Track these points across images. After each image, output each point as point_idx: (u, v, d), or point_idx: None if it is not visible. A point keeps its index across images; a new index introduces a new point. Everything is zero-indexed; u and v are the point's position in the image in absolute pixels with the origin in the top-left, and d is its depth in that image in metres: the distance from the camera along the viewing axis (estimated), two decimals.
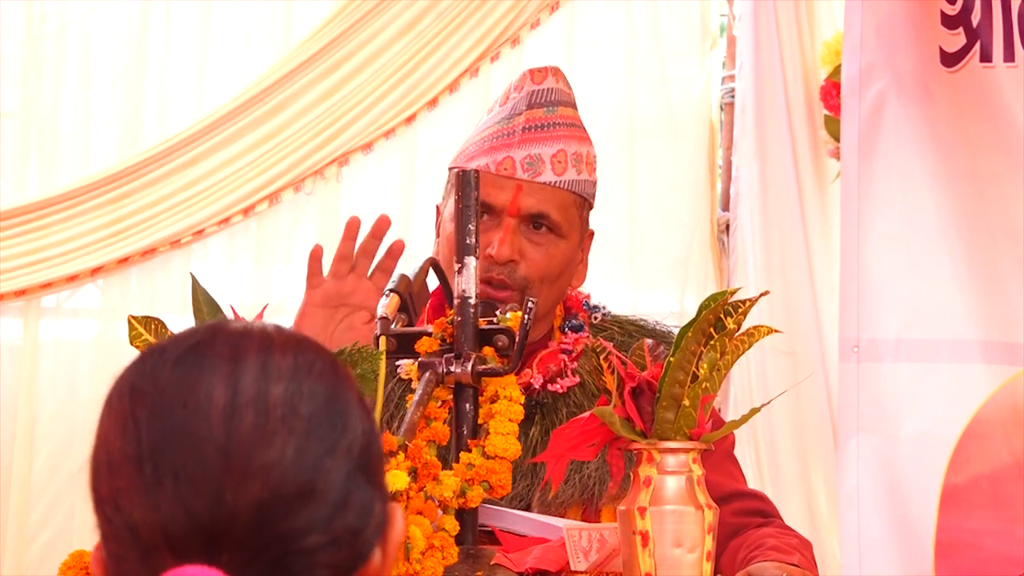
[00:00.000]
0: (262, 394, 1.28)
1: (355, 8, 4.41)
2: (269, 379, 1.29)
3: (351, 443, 1.29)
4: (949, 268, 3.06)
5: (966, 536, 2.91)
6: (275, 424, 1.27)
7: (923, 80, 3.07)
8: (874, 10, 3.10)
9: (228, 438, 1.27)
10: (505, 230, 2.57)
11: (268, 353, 1.30)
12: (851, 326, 3.13)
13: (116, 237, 4.40)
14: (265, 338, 1.32)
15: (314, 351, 1.32)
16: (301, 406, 1.28)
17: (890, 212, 3.13)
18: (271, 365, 1.30)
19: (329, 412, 1.29)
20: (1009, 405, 2.92)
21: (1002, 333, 2.99)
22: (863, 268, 3.14)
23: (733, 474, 2.65)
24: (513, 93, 2.66)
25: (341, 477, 1.28)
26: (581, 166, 2.63)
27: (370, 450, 1.31)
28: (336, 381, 1.31)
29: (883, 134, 3.13)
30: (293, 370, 1.30)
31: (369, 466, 1.30)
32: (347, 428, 1.30)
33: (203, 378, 1.29)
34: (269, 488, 1.26)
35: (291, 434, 1.27)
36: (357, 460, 1.29)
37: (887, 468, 3.04)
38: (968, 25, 2.99)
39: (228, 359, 1.29)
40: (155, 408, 1.29)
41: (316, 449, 1.27)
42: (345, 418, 1.30)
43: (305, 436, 1.27)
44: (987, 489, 2.91)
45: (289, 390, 1.29)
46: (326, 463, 1.27)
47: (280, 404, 1.28)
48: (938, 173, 3.08)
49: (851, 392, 3.12)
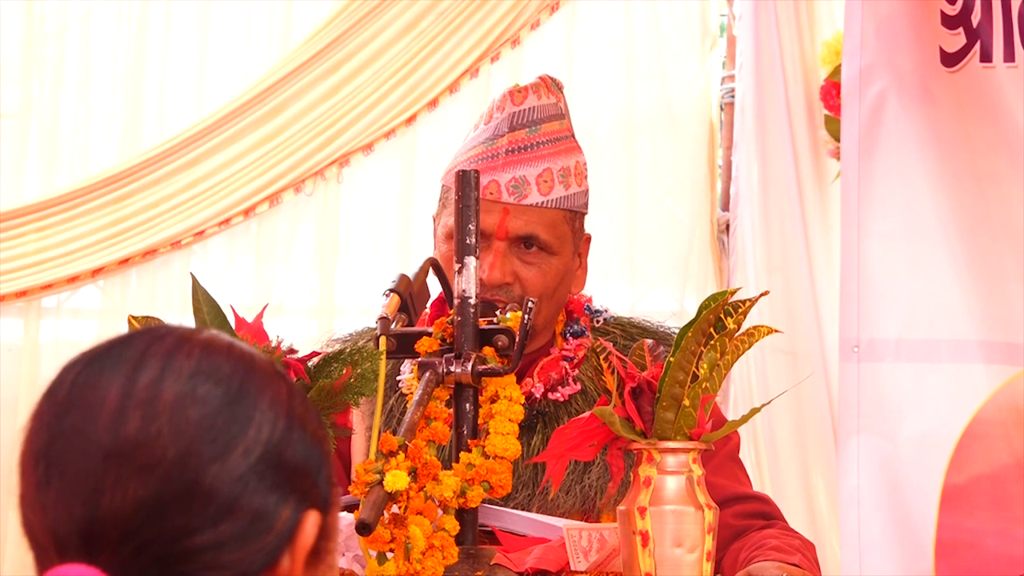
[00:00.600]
0: (153, 397, 1.30)
1: (355, 9, 4.41)
2: (164, 382, 1.30)
3: (248, 448, 1.30)
4: (949, 268, 3.06)
5: (966, 536, 2.91)
6: (160, 426, 1.29)
7: (923, 80, 3.07)
8: (874, 10, 3.10)
9: (113, 439, 1.29)
10: (495, 254, 2.57)
11: (171, 356, 1.32)
12: (851, 326, 3.13)
13: (117, 238, 4.40)
14: (179, 342, 1.34)
15: (225, 355, 1.33)
16: (192, 409, 1.29)
17: (890, 212, 3.13)
18: (170, 368, 1.31)
19: (225, 416, 1.30)
20: (1009, 405, 2.92)
21: (1002, 333, 2.99)
22: (863, 268, 3.14)
23: (737, 476, 2.65)
24: (496, 113, 2.65)
25: (230, 481, 1.29)
26: (569, 180, 2.62)
27: (279, 456, 1.31)
28: (243, 386, 1.32)
29: (883, 134, 3.13)
30: (192, 374, 1.31)
31: (275, 472, 1.31)
32: (244, 433, 1.30)
33: (103, 380, 1.32)
34: (149, 489, 1.28)
35: (177, 437, 1.29)
36: (255, 465, 1.30)
37: (887, 468, 3.04)
38: (968, 25, 2.99)
39: (131, 362, 1.32)
40: (55, 410, 1.33)
41: (203, 452, 1.29)
42: (244, 423, 1.31)
43: (192, 439, 1.29)
44: (987, 489, 2.91)
45: (182, 393, 1.30)
46: (213, 467, 1.29)
47: (169, 406, 1.29)
48: (938, 173, 3.07)
49: (851, 392, 3.12)
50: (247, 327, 2.14)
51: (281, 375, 1.37)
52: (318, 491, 1.35)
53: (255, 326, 2.15)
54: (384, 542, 2.07)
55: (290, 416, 1.33)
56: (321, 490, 1.35)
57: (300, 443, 1.33)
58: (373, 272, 4.41)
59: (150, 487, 1.28)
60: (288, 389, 1.35)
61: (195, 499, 1.28)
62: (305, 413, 1.36)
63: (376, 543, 2.07)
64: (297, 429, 1.33)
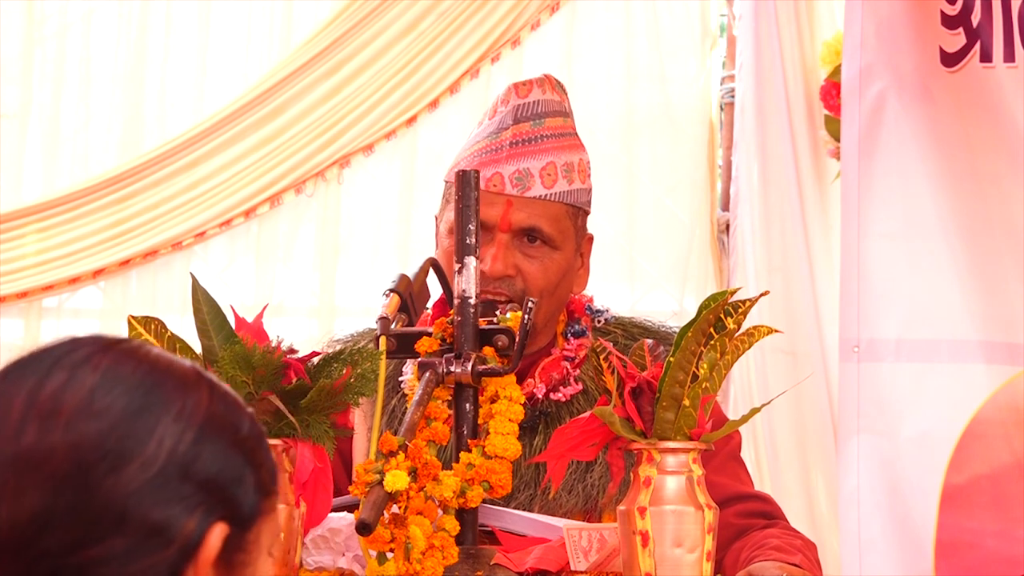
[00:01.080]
0: (54, 408, 1.30)
1: (355, 10, 4.41)
2: (66, 392, 1.31)
3: (146, 461, 1.29)
4: (950, 268, 3.06)
5: (966, 536, 2.91)
6: (56, 438, 1.29)
7: (923, 80, 3.07)
8: (874, 10, 3.10)
9: (14, 448, 1.30)
10: (498, 246, 2.57)
11: (79, 366, 1.32)
12: (852, 326, 3.13)
13: (118, 239, 4.40)
14: (94, 352, 1.33)
15: (135, 365, 1.33)
16: (88, 422, 1.29)
17: (890, 212, 3.12)
18: (74, 379, 1.31)
19: (123, 430, 1.29)
20: (1009, 405, 2.92)
21: (1002, 333, 2.99)
22: (864, 268, 3.14)
23: (739, 476, 2.64)
24: (500, 107, 2.66)
25: (124, 495, 1.28)
26: (572, 175, 2.63)
27: (184, 469, 1.30)
28: (147, 397, 1.31)
29: (883, 134, 3.13)
30: (94, 386, 1.31)
31: (179, 484, 1.30)
32: (143, 446, 1.29)
33: (13, 388, 1.32)
34: (43, 500, 1.28)
35: (71, 449, 1.29)
36: (153, 479, 1.29)
37: (888, 468, 3.04)
38: (968, 25, 2.98)
39: (42, 370, 1.32)
40: None
41: (97, 466, 1.28)
42: (143, 436, 1.30)
43: (86, 452, 1.28)
44: (987, 489, 2.91)
45: (81, 405, 1.30)
46: (107, 481, 1.28)
47: (67, 418, 1.29)
48: (938, 173, 3.07)
49: (852, 392, 3.12)
50: (247, 327, 2.14)
51: (206, 384, 1.35)
52: (235, 502, 1.33)
53: (255, 326, 2.15)
54: (384, 542, 2.07)
55: (203, 427, 1.32)
56: (241, 500, 1.33)
57: (213, 455, 1.32)
58: (373, 273, 4.41)
59: (44, 498, 1.28)
60: (209, 399, 1.34)
61: (87, 512, 1.28)
62: (227, 422, 1.34)
63: (376, 543, 2.07)
64: (210, 440, 1.32)
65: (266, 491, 1.36)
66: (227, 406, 1.36)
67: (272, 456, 1.40)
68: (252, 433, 1.36)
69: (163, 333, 2.13)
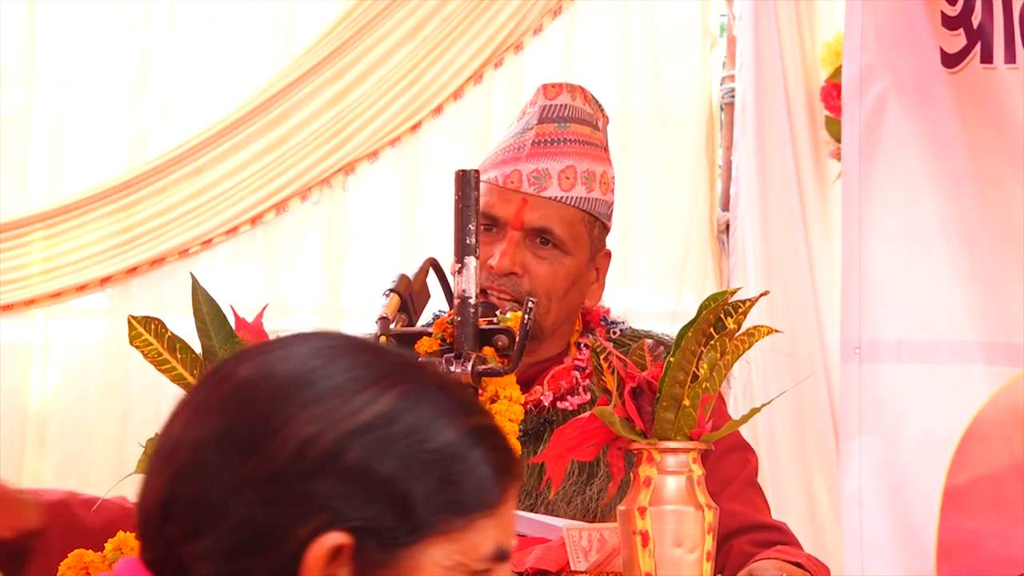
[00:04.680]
0: (202, 402, 1.30)
1: (358, 16, 4.41)
2: (220, 385, 1.30)
3: (264, 459, 1.25)
4: (950, 269, 3.06)
5: (967, 537, 2.91)
6: (188, 433, 1.29)
7: (924, 81, 3.07)
8: (874, 11, 3.11)
9: (164, 437, 1.31)
10: (508, 243, 2.57)
11: (242, 362, 1.31)
12: (853, 327, 3.13)
13: (125, 247, 4.39)
14: (261, 348, 1.32)
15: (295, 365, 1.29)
16: (212, 418, 1.28)
17: (891, 213, 3.13)
18: (232, 374, 1.30)
19: (248, 426, 1.27)
20: (1010, 406, 2.92)
21: (1003, 334, 2.99)
22: (864, 269, 3.14)
23: (755, 503, 2.59)
24: (528, 108, 2.67)
25: (233, 492, 1.25)
26: (593, 184, 2.62)
27: (309, 475, 1.24)
28: (284, 398, 1.27)
29: (884, 135, 3.14)
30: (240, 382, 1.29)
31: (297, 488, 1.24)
32: (262, 445, 1.26)
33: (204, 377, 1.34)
34: (167, 490, 1.28)
35: (196, 443, 1.28)
36: (268, 479, 1.25)
37: (889, 469, 3.05)
38: (969, 26, 2.99)
39: (222, 364, 1.33)
40: None
41: (213, 461, 1.27)
42: (266, 434, 1.26)
43: (205, 447, 1.27)
44: (988, 490, 2.92)
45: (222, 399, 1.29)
46: (223, 474, 1.26)
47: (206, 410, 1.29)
48: (939, 174, 3.08)
49: (853, 393, 3.12)
50: (247, 327, 2.14)
51: (393, 391, 1.27)
52: (374, 516, 1.25)
53: (255, 326, 2.15)
54: None
55: (355, 433, 1.25)
56: (382, 516, 1.25)
57: (360, 463, 1.24)
58: (379, 279, 4.39)
59: (168, 489, 1.28)
60: (388, 406, 1.26)
61: (199, 505, 1.26)
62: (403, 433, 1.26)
63: None
64: (361, 448, 1.24)
65: (451, 511, 1.27)
66: (421, 415, 1.27)
67: (484, 479, 1.30)
68: (449, 447, 1.28)
69: (163, 333, 2.13)
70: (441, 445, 1.27)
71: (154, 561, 1.29)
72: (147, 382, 4.25)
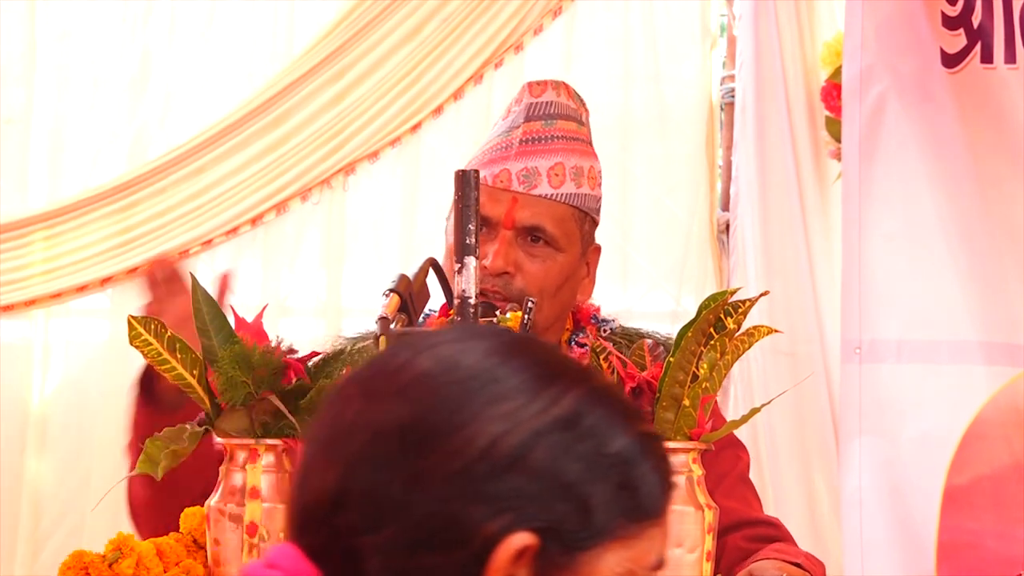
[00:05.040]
0: (379, 389, 1.27)
1: (358, 17, 4.41)
2: (396, 375, 1.27)
3: (451, 454, 1.23)
4: (950, 269, 3.06)
5: (968, 537, 2.91)
6: (368, 419, 1.26)
7: (924, 81, 3.07)
8: (874, 11, 3.10)
9: (333, 425, 1.28)
10: (500, 242, 2.57)
11: (420, 352, 1.28)
12: (853, 327, 3.13)
13: (125, 247, 4.39)
14: (442, 340, 1.29)
15: (477, 358, 1.27)
16: (400, 405, 1.26)
17: (891, 213, 3.13)
18: (410, 363, 1.27)
19: (435, 419, 1.24)
20: (1010, 406, 2.92)
21: (1003, 334, 2.99)
22: (864, 269, 3.14)
23: (748, 500, 2.61)
24: (514, 107, 2.67)
25: (413, 484, 1.23)
26: (581, 179, 2.63)
27: (497, 471, 1.22)
28: (474, 393, 1.24)
29: (884, 135, 3.13)
30: (422, 373, 1.26)
31: (485, 485, 1.23)
32: (450, 440, 1.23)
33: (369, 364, 1.30)
34: (341, 479, 1.25)
35: (376, 432, 1.25)
36: (455, 474, 1.22)
37: (889, 469, 3.04)
38: (969, 26, 2.99)
39: (393, 352, 1.30)
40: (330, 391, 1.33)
41: (394, 451, 1.24)
42: (454, 429, 1.23)
43: (387, 436, 1.25)
44: (988, 490, 2.91)
45: (403, 388, 1.26)
46: (404, 466, 1.23)
47: (384, 399, 1.26)
48: (939, 174, 3.07)
49: (853, 393, 3.12)
50: (247, 327, 2.15)
51: (576, 393, 1.27)
52: (559, 517, 1.23)
53: (255, 326, 2.15)
54: None
55: (541, 433, 1.24)
56: (567, 518, 1.24)
57: (545, 462, 1.23)
58: (379, 280, 4.38)
59: (342, 477, 1.25)
60: (571, 407, 1.25)
61: (377, 496, 1.24)
62: (587, 434, 1.25)
63: None
64: (547, 447, 1.23)
65: (627, 516, 1.27)
66: (600, 418, 1.27)
67: (657, 486, 1.29)
68: (627, 452, 1.27)
69: (163, 333, 2.13)
70: (618, 450, 1.27)
71: (316, 549, 1.26)
72: None
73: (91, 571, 2.09)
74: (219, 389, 2.10)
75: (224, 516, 2.10)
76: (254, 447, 2.11)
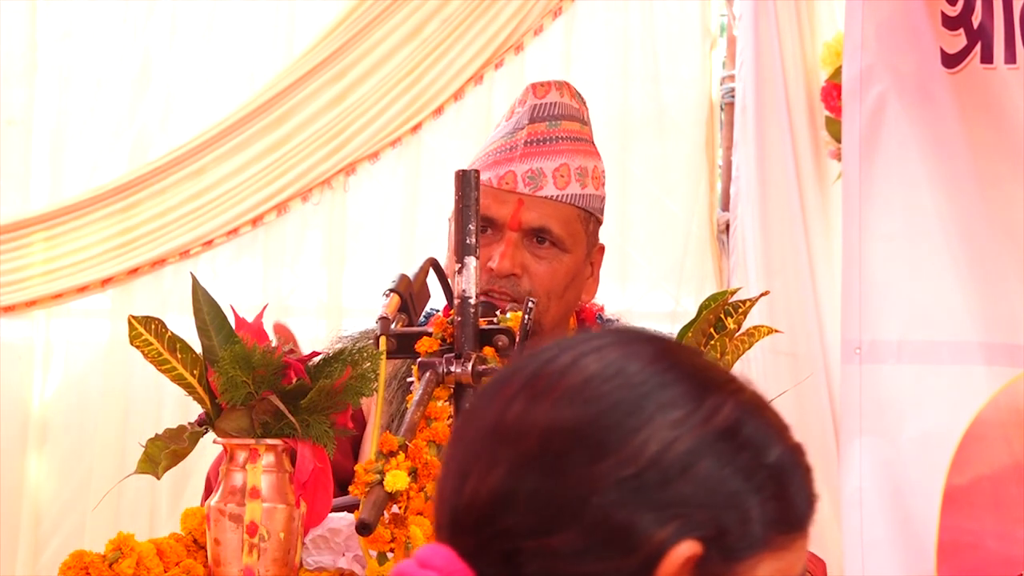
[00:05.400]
0: (545, 388, 1.25)
1: (359, 17, 4.41)
2: (564, 376, 1.25)
3: (625, 459, 1.21)
4: (950, 270, 3.06)
5: (968, 537, 2.91)
6: (536, 418, 1.24)
7: (924, 81, 3.07)
8: (874, 11, 3.10)
9: (495, 424, 1.25)
10: (507, 244, 2.57)
11: (584, 355, 1.26)
12: (853, 327, 3.13)
13: (126, 248, 4.40)
14: (605, 343, 1.28)
15: (644, 364, 1.25)
16: (573, 408, 1.24)
17: (891, 214, 3.13)
18: (576, 364, 1.26)
19: (608, 422, 1.23)
20: (1010, 406, 2.92)
21: (1003, 335, 2.99)
22: (865, 269, 3.14)
23: None
24: (517, 108, 2.67)
25: (592, 489, 1.21)
26: (586, 180, 2.63)
27: (666, 476, 1.21)
28: (647, 396, 1.23)
29: (884, 136, 3.13)
30: (590, 376, 1.25)
31: (657, 491, 1.21)
32: (625, 444, 1.22)
33: (522, 363, 1.28)
34: (507, 480, 1.23)
35: (547, 432, 1.23)
36: (629, 479, 1.21)
37: (889, 469, 3.04)
38: (969, 26, 2.99)
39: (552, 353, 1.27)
40: (480, 389, 1.34)
41: (570, 454, 1.22)
42: (629, 434, 1.22)
43: (561, 438, 1.23)
44: (988, 490, 2.92)
45: (572, 389, 1.24)
46: (577, 471, 1.21)
47: (555, 400, 1.24)
48: (939, 175, 3.08)
49: (853, 393, 3.12)
50: (247, 327, 2.15)
51: (735, 400, 1.26)
52: (724, 527, 1.23)
53: (255, 326, 2.15)
54: (384, 542, 2.07)
55: (707, 440, 1.23)
56: (732, 527, 1.23)
57: (711, 470, 1.23)
58: (379, 280, 4.38)
59: (510, 476, 1.23)
60: (732, 414, 1.25)
61: (549, 498, 1.21)
62: (748, 443, 1.25)
63: (376, 543, 2.07)
64: (713, 455, 1.23)
65: (779, 527, 1.26)
66: (757, 428, 1.26)
67: (806, 498, 1.29)
68: (780, 463, 1.26)
69: (163, 333, 2.13)
70: (774, 461, 1.26)
71: (472, 550, 1.24)
72: (148, 383, 4.26)
73: (91, 571, 2.09)
74: (219, 389, 2.10)
75: (224, 516, 2.10)
76: (254, 447, 2.11)
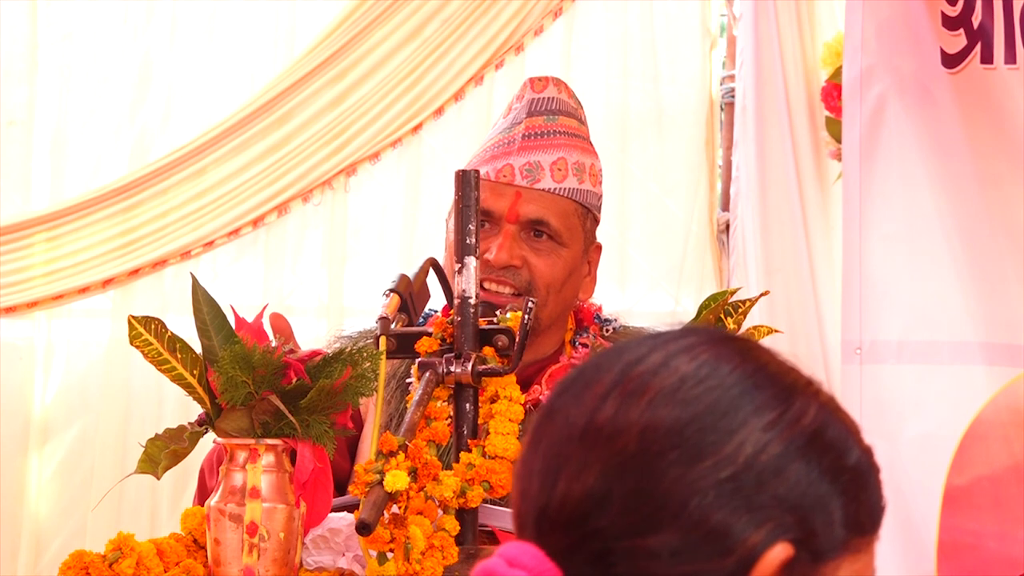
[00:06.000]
0: (639, 388, 1.24)
1: (359, 17, 4.41)
2: (656, 376, 1.25)
3: (720, 462, 1.22)
4: (951, 270, 3.06)
5: (968, 537, 2.92)
6: (632, 419, 1.24)
7: (924, 82, 3.07)
8: (875, 11, 3.11)
9: (587, 423, 1.25)
10: (504, 236, 2.57)
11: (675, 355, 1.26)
12: (853, 328, 3.13)
13: (127, 249, 4.39)
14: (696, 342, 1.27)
15: (735, 365, 1.26)
16: (668, 409, 1.23)
17: (892, 214, 3.13)
18: (668, 365, 1.25)
19: (703, 424, 1.23)
20: (1010, 407, 2.93)
21: (1003, 335, 2.99)
22: (865, 270, 3.15)
23: None
24: (515, 103, 2.67)
25: (690, 491, 1.21)
26: (583, 176, 2.63)
27: (760, 479, 1.22)
28: (739, 398, 1.24)
29: (884, 136, 3.14)
30: (686, 375, 1.24)
31: (752, 494, 1.22)
32: (720, 446, 1.22)
33: (607, 362, 1.28)
34: (602, 480, 1.23)
35: (644, 432, 1.23)
36: (724, 481, 1.21)
37: (890, 469, 3.04)
38: (969, 26, 2.99)
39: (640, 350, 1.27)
40: (559, 386, 1.30)
41: (667, 455, 1.22)
42: (723, 436, 1.22)
43: (658, 438, 1.23)
44: (988, 490, 2.92)
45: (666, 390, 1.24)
46: (673, 471, 1.21)
47: (649, 401, 1.24)
48: (939, 175, 3.08)
49: (854, 394, 3.13)
50: (247, 327, 2.15)
51: (818, 402, 1.28)
52: (812, 529, 1.23)
53: (255, 326, 2.15)
54: (384, 542, 2.07)
55: (797, 443, 1.24)
56: (819, 529, 1.24)
57: (800, 473, 1.23)
58: (380, 280, 4.37)
59: (604, 476, 1.22)
60: (816, 417, 1.26)
61: (646, 499, 1.21)
62: (830, 446, 1.25)
63: (376, 543, 2.07)
64: (802, 458, 1.24)
65: (857, 529, 1.27)
66: (838, 430, 1.27)
67: (879, 500, 1.30)
68: (859, 465, 1.28)
69: (163, 333, 2.13)
70: (854, 463, 1.28)
71: (561, 550, 1.23)
72: (149, 383, 4.26)
73: (91, 571, 2.09)
74: (219, 389, 2.10)
75: (224, 516, 2.11)
76: (254, 447, 2.11)
